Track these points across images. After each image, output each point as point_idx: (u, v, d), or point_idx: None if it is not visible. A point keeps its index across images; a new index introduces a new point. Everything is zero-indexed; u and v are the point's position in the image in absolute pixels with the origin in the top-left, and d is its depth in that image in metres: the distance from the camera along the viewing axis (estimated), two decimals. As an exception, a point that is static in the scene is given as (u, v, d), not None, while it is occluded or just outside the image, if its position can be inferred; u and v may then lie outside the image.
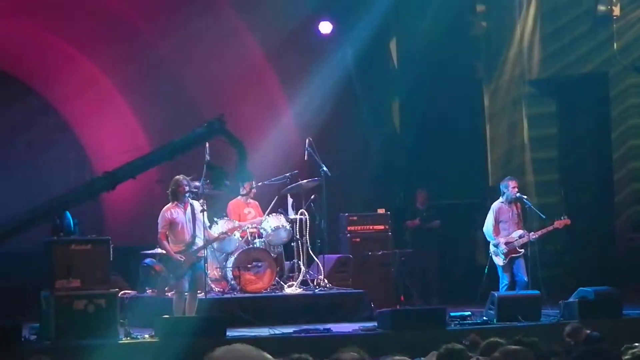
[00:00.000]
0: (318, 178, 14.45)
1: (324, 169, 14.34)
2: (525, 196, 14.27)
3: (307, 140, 14.44)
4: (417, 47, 17.64)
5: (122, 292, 13.25)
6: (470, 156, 17.98)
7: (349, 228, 15.55)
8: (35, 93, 18.16)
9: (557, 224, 13.99)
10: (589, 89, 17.64)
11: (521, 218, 14.10)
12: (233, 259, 13.91)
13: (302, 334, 11.92)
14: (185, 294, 12.42)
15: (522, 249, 13.92)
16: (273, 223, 14.18)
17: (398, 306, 14.58)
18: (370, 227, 15.63)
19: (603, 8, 16.77)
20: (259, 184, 14.48)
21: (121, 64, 17.11)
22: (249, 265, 13.82)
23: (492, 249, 14.08)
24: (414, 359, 6.82)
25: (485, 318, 12.83)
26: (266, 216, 14.31)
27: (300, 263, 14.27)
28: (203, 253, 12.62)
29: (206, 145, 12.40)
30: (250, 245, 14.11)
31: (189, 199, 12.53)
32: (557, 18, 17.50)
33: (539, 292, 13.19)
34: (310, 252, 14.38)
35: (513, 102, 17.95)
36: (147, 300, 13.47)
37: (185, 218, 12.44)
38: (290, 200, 14.58)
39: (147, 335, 11.51)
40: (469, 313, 13.03)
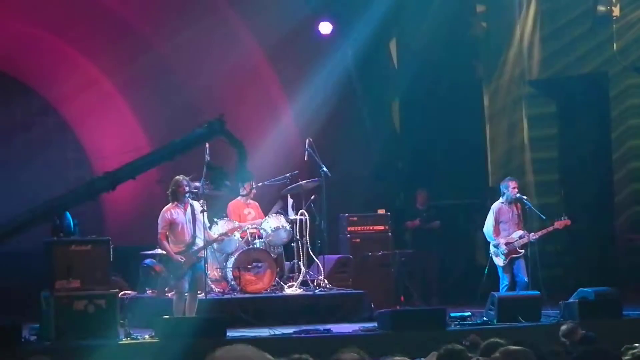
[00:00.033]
0: (318, 178, 14.43)
1: (324, 169, 14.33)
2: (525, 196, 14.25)
3: (307, 141, 14.43)
4: (417, 47, 17.62)
5: (122, 293, 13.24)
6: (470, 156, 17.95)
7: (349, 228, 15.54)
8: (35, 93, 18.16)
9: (557, 225, 13.98)
10: (589, 89, 17.62)
11: (521, 218, 14.08)
12: (233, 259, 13.90)
13: (302, 335, 11.89)
14: (186, 294, 12.41)
15: (522, 250, 13.91)
16: (273, 223, 14.17)
17: (398, 307, 14.58)
18: (370, 228, 15.62)
19: (603, 8, 16.75)
20: (259, 185, 14.47)
21: (121, 65, 17.10)
22: (249, 266, 13.81)
23: (492, 249, 14.07)
24: (414, 360, 6.83)
25: (485, 318, 12.81)
26: (267, 217, 14.31)
27: (301, 263, 14.26)
28: (203, 253, 12.60)
29: (206, 146, 12.39)
30: (251, 246, 14.10)
31: (189, 199, 12.51)
32: (557, 18, 17.49)
33: (539, 293, 13.17)
34: (311, 253, 14.37)
35: (513, 103, 17.93)
36: (147, 301, 13.45)
37: (186, 218, 12.42)
38: (290, 200, 14.57)
39: (147, 336, 11.50)
40: (469, 313, 13.01)
